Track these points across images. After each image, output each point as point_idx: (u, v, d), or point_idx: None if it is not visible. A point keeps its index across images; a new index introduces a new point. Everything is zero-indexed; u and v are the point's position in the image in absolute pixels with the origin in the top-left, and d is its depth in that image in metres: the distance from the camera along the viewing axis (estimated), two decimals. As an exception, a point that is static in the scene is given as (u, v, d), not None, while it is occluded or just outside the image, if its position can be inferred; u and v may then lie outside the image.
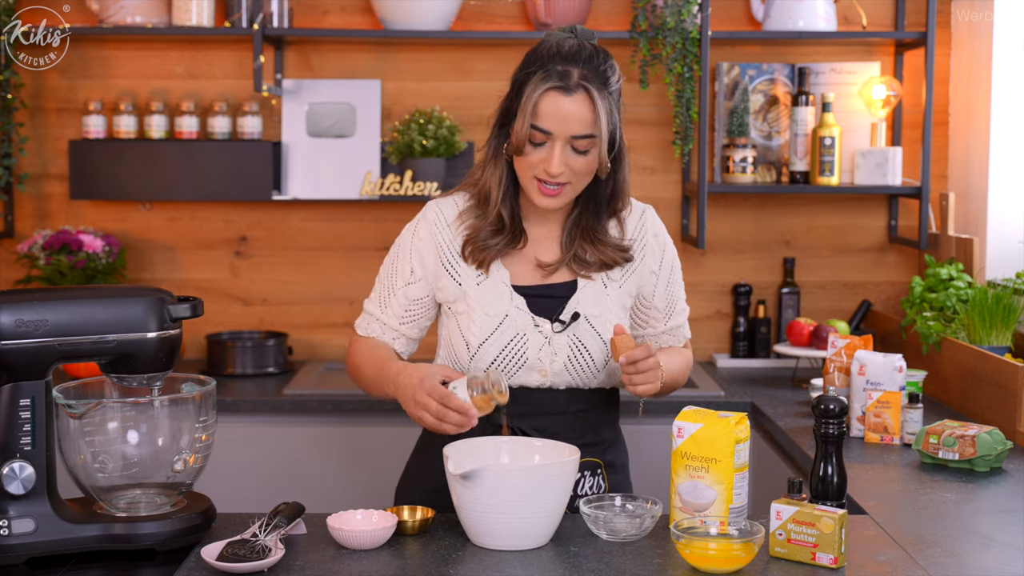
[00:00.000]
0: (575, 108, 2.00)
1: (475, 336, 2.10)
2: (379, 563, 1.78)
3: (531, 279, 2.15)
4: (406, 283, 2.17)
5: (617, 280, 2.16)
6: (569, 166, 2.03)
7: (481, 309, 2.11)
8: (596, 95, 2.00)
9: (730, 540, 1.75)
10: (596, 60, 2.03)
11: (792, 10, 3.53)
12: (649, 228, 2.21)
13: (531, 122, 2.01)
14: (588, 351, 2.11)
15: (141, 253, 3.76)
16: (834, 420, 1.97)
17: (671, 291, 2.23)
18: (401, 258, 2.18)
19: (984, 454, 2.37)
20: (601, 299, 2.13)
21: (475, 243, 2.12)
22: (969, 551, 1.90)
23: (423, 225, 2.18)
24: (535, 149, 2.03)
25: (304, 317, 3.80)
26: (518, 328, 2.10)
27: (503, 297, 2.11)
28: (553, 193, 2.05)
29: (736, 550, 1.73)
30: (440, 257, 2.15)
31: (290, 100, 3.68)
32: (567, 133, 2.01)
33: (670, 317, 2.23)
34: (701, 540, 1.75)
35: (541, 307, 2.12)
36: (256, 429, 3.25)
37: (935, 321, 3.14)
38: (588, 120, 2.01)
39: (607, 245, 2.14)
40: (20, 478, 1.77)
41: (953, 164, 3.69)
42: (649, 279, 2.20)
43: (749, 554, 1.73)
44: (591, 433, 2.16)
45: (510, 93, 2.09)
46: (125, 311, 1.81)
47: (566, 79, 2.00)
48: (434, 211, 2.19)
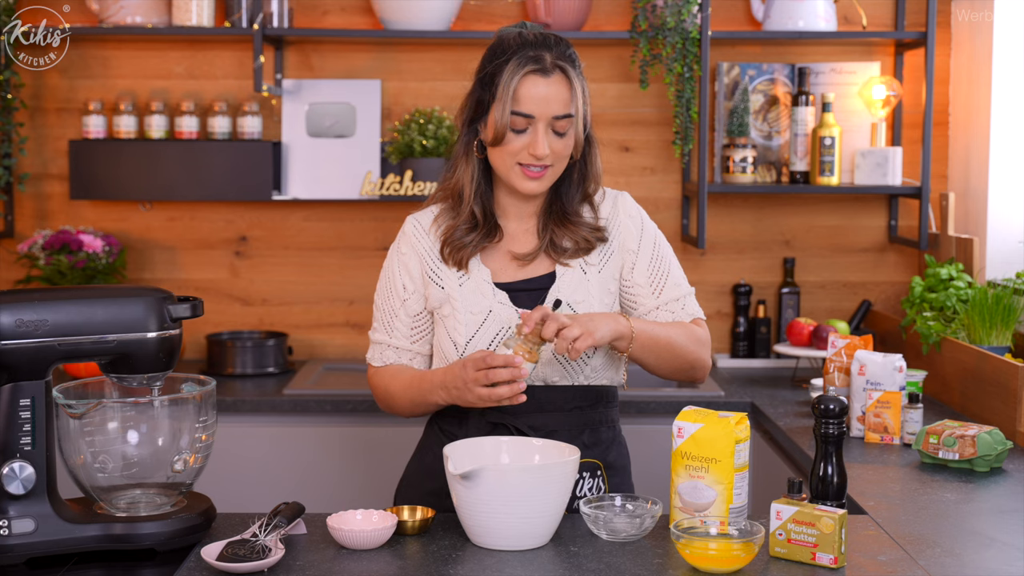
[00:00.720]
0: (554, 89, 2.06)
1: (461, 335, 2.13)
2: (379, 563, 1.78)
3: (511, 275, 2.17)
4: (403, 301, 2.20)
5: (596, 265, 2.17)
6: (551, 148, 2.08)
7: (465, 308, 2.13)
8: (572, 74, 2.07)
9: (730, 540, 1.75)
10: (561, 45, 2.10)
11: (792, 10, 3.53)
12: (622, 210, 2.22)
13: (512, 108, 2.05)
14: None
15: (141, 253, 3.76)
16: (834, 420, 1.97)
17: (656, 266, 2.20)
18: (392, 279, 2.22)
19: (984, 454, 2.37)
20: (582, 285, 2.15)
21: (451, 243, 2.16)
22: (969, 551, 1.90)
23: (404, 240, 2.23)
24: (516, 136, 2.07)
25: (304, 317, 3.80)
26: (502, 322, 2.12)
27: (485, 295, 2.14)
28: (538, 176, 2.09)
29: (736, 550, 1.73)
30: (423, 267, 2.19)
31: (290, 100, 3.68)
32: (549, 114, 2.06)
33: (660, 292, 2.20)
34: (701, 540, 1.76)
35: (524, 300, 2.14)
36: (256, 429, 3.25)
37: (935, 321, 3.14)
38: (566, 100, 2.07)
39: (580, 227, 2.16)
40: (20, 478, 1.77)
41: (953, 164, 3.69)
42: (628, 258, 2.20)
43: (749, 554, 1.73)
44: (588, 432, 2.16)
45: (477, 89, 2.13)
46: (125, 311, 1.81)
47: (541, 62, 2.06)
48: (412, 224, 2.23)
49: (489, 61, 2.11)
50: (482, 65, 2.13)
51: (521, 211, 2.19)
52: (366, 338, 3.79)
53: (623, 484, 2.22)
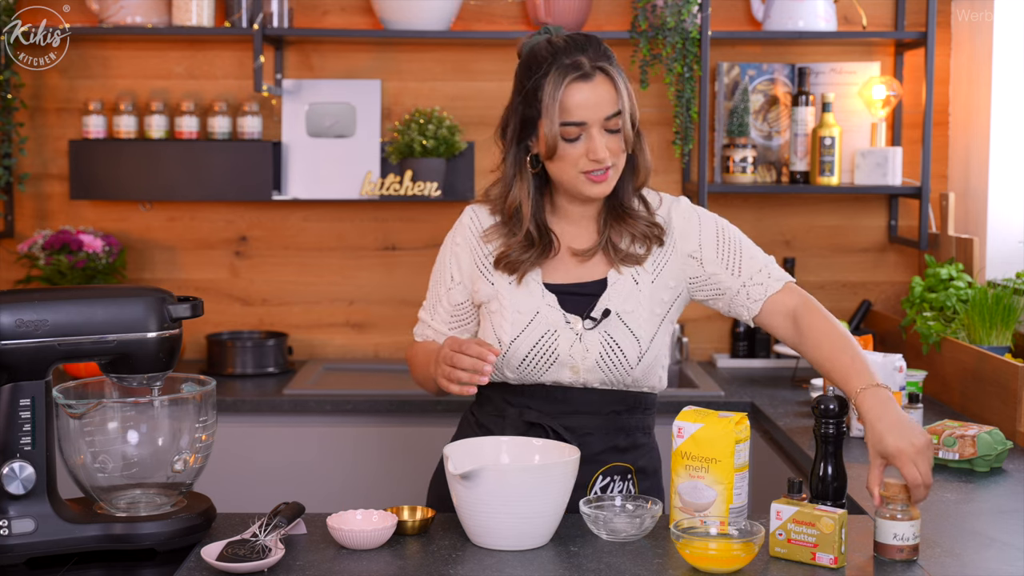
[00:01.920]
0: (599, 91, 2.04)
1: (507, 333, 2.12)
2: (379, 563, 1.78)
3: (564, 275, 2.15)
4: (447, 289, 2.21)
5: (649, 274, 2.14)
6: (609, 148, 2.06)
7: (513, 307, 2.13)
8: (613, 71, 2.05)
9: (730, 540, 1.75)
10: (593, 44, 2.07)
11: (792, 10, 3.53)
12: (677, 214, 2.18)
13: (561, 120, 2.03)
14: (620, 348, 2.10)
15: (141, 253, 3.76)
16: (834, 420, 1.97)
17: (725, 248, 2.15)
18: (442, 265, 2.23)
19: (984, 454, 2.37)
20: (633, 295, 2.13)
21: (507, 259, 2.14)
22: (969, 551, 1.90)
23: (460, 231, 2.22)
24: (570, 145, 2.05)
25: (304, 317, 3.80)
26: (549, 324, 2.11)
27: (534, 295, 2.13)
28: (602, 179, 2.07)
29: (736, 550, 1.73)
30: (475, 262, 2.18)
31: (290, 100, 3.68)
32: (600, 117, 2.04)
33: (739, 270, 2.14)
34: (701, 540, 1.75)
35: (573, 304, 2.13)
36: (256, 429, 3.25)
37: (935, 321, 3.14)
38: (613, 98, 2.05)
39: (638, 220, 2.14)
40: (20, 478, 1.77)
41: (953, 164, 3.69)
42: (689, 263, 2.16)
43: (749, 554, 1.73)
44: (623, 436, 2.16)
45: (520, 107, 2.09)
46: (125, 311, 1.81)
47: (581, 67, 2.03)
48: (470, 216, 2.22)
49: (527, 77, 2.07)
50: (519, 83, 2.09)
51: (584, 212, 2.17)
52: (366, 338, 3.82)
53: (653, 488, 2.22)
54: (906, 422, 1.88)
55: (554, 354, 2.10)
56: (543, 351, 2.10)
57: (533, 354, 2.11)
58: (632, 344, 2.11)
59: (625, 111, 2.05)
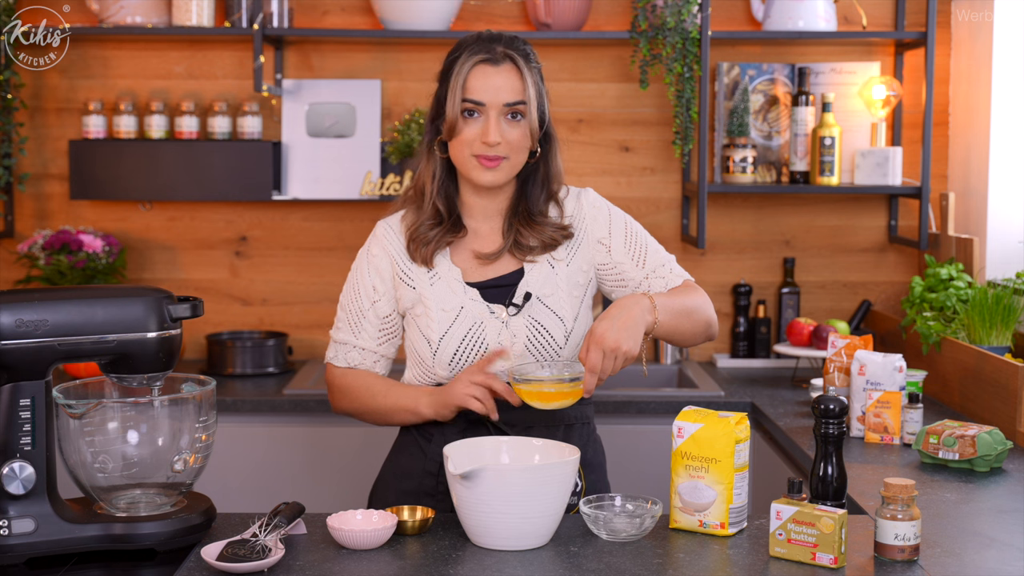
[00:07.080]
0: (503, 77, 2.12)
1: (434, 332, 2.15)
2: (379, 563, 1.78)
3: (482, 274, 2.20)
4: (372, 303, 2.22)
5: (563, 259, 2.20)
6: (505, 138, 2.11)
7: (437, 306, 2.16)
8: (521, 64, 2.12)
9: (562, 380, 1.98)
10: (516, 42, 2.16)
11: (792, 10, 3.53)
12: (586, 203, 2.25)
13: (462, 96, 2.10)
14: (546, 329, 2.15)
15: (141, 253, 3.76)
16: (834, 420, 1.97)
17: (632, 241, 2.23)
18: (361, 280, 2.23)
19: (984, 454, 2.37)
20: (551, 279, 2.18)
21: (416, 238, 2.18)
22: (969, 551, 1.90)
23: (374, 243, 2.24)
24: (469, 125, 2.11)
25: (304, 317, 3.80)
26: (475, 317, 2.15)
27: (457, 292, 2.17)
28: (493, 165, 2.12)
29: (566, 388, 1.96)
30: (395, 269, 2.21)
31: (290, 100, 3.68)
32: (499, 101, 2.10)
33: (644, 262, 2.22)
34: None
35: (495, 296, 2.18)
36: (256, 429, 3.25)
37: (935, 321, 3.14)
38: (517, 88, 2.12)
39: (546, 226, 2.20)
40: (20, 478, 1.77)
41: (953, 164, 3.69)
42: (599, 249, 2.23)
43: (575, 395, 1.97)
44: (563, 428, 2.19)
45: (437, 88, 2.18)
46: (125, 311, 1.81)
47: (491, 52, 2.12)
48: (382, 227, 2.25)
49: (446, 60, 2.17)
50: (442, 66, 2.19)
51: (487, 210, 2.22)
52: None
53: (599, 482, 2.24)
54: (630, 326, 1.99)
55: (483, 345, 2.14)
56: (472, 344, 2.14)
57: (463, 348, 2.14)
58: (557, 324, 2.16)
59: (531, 105, 2.12)
